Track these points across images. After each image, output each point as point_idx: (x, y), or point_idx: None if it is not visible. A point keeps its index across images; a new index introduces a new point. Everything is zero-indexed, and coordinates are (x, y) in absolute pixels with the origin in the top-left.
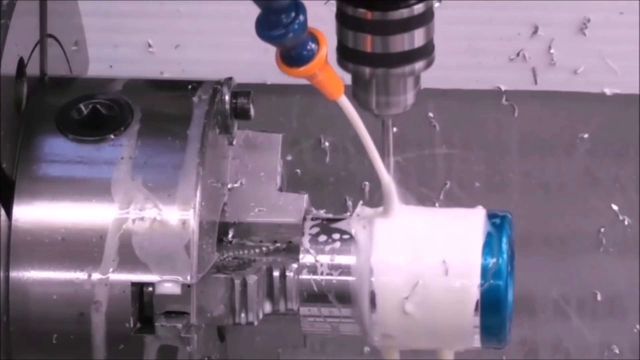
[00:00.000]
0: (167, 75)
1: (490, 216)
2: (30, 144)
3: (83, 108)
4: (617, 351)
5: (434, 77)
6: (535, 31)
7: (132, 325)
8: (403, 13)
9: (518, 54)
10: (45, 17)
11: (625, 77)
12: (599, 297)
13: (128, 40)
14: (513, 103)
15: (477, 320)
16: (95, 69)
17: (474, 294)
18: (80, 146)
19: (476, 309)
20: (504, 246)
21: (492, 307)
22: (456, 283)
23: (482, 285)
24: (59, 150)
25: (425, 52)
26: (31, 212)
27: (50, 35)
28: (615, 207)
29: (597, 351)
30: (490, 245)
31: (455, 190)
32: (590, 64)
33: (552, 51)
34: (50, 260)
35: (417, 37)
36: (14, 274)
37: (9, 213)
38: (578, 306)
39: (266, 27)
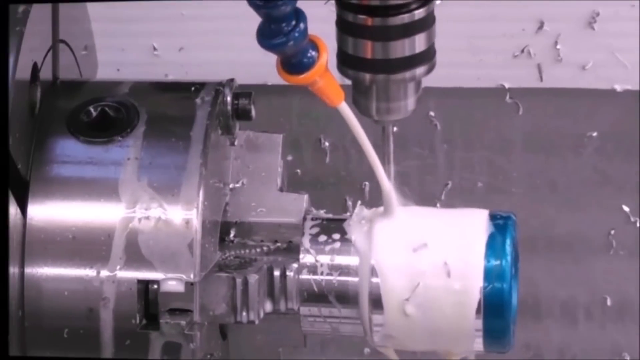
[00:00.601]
0: (172, 77)
1: (493, 217)
2: (43, 145)
3: (92, 110)
4: (628, 358)
5: (434, 75)
6: (541, 26)
7: (138, 321)
8: (404, 18)
9: (523, 50)
10: (57, 23)
11: (636, 72)
12: (608, 302)
13: (134, 44)
14: (517, 101)
15: (479, 324)
16: (104, 73)
17: (476, 296)
18: (89, 147)
19: (478, 312)
20: (508, 248)
21: (495, 310)
22: (458, 285)
23: (484, 287)
24: (70, 152)
25: (426, 57)
26: (44, 211)
27: (62, 41)
28: (626, 209)
29: (606, 358)
30: (493, 247)
31: (457, 191)
32: (599, 59)
33: (558, 47)
34: (62, 257)
35: (418, 43)
36: (29, 270)
37: (24, 212)
38: (586, 311)
39: (267, 36)
